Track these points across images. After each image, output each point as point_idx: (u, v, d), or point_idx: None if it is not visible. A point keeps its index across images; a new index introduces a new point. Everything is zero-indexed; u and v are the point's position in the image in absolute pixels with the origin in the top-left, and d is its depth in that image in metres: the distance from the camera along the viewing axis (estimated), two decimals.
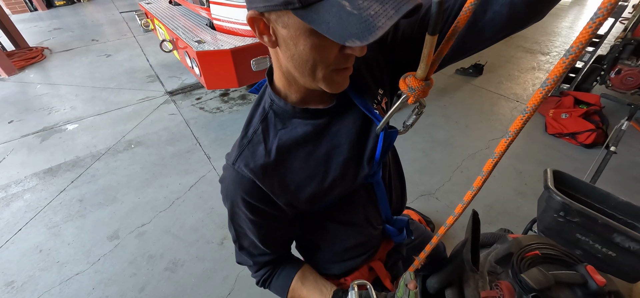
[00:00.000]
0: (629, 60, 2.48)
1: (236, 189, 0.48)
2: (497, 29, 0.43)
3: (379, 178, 0.59)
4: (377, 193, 0.62)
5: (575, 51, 0.29)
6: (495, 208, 1.77)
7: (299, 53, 0.39)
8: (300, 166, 0.49)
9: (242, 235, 0.56)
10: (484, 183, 0.46)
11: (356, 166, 0.53)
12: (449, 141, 2.34)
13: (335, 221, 0.62)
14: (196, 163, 2.17)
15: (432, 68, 0.42)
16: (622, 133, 1.39)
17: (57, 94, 3.13)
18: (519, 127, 0.38)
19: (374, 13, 0.32)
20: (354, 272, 0.71)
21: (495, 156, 0.42)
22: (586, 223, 0.77)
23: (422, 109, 0.48)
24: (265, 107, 0.50)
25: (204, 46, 1.86)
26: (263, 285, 0.63)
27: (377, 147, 0.52)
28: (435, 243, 0.62)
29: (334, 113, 0.50)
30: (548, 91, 0.33)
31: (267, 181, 0.47)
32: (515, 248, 0.77)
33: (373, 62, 0.53)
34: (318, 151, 0.50)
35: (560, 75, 0.32)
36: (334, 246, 0.67)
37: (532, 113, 0.36)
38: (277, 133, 0.49)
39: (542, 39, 4.23)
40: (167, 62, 3.70)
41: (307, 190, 0.50)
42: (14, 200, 1.93)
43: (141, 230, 1.72)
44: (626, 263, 0.75)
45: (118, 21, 5.51)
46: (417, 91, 0.43)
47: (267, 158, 0.47)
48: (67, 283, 1.48)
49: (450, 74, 3.32)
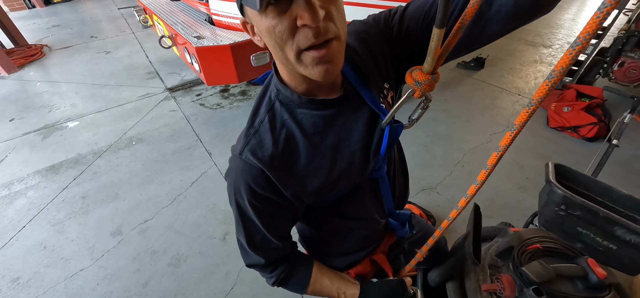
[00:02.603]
0: (632, 52, 2.45)
1: (244, 178, 0.47)
2: (503, 22, 0.42)
3: (383, 173, 0.59)
4: (382, 187, 0.62)
5: (582, 42, 0.29)
6: (496, 202, 1.77)
7: (268, 42, 0.41)
8: (307, 157, 0.49)
9: (254, 231, 0.54)
10: (488, 176, 0.45)
11: (363, 159, 0.52)
12: (450, 135, 2.33)
13: (339, 216, 0.62)
14: (197, 159, 2.18)
15: (438, 62, 0.42)
16: (625, 126, 1.38)
17: (57, 92, 3.12)
18: (524, 120, 0.37)
19: None
20: (357, 265, 0.72)
21: (500, 149, 0.42)
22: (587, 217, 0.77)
23: (428, 103, 0.47)
24: (272, 97, 0.49)
25: (203, 42, 1.85)
26: (281, 284, 0.61)
27: (383, 141, 0.51)
28: (438, 236, 0.62)
29: (341, 105, 0.50)
30: (554, 83, 0.33)
31: (275, 172, 0.47)
32: (516, 241, 0.77)
33: (379, 55, 0.52)
34: (325, 142, 0.49)
35: (567, 66, 0.32)
36: (338, 240, 0.67)
37: (537, 105, 0.35)
38: (284, 123, 0.48)
39: (544, 32, 4.18)
40: (167, 59, 3.68)
41: (314, 182, 0.50)
42: (17, 197, 1.94)
43: (144, 226, 1.74)
44: (627, 256, 0.75)
45: (117, 17, 5.48)
46: (423, 84, 0.43)
47: (274, 148, 0.47)
48: (71, 279, 1.50)
49: (451, 68, 3.29)
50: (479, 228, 0.71)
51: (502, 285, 0.70)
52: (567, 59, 0.31)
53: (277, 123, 0.48)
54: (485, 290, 0.71)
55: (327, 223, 0.64)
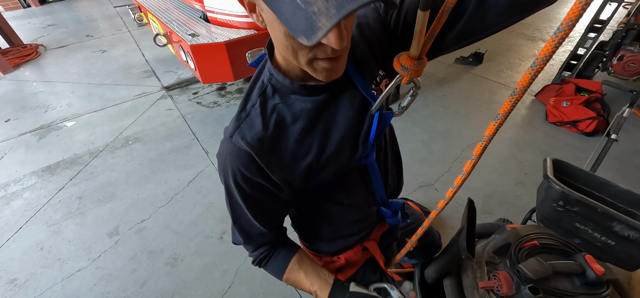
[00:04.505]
0: (631, 46, 2.43)
1: (233, 162, 0.48)
2: (501, 13, 0.41)
3: (372, 160, 0.60)
4: (371, 175, 0.62)
5: (565, 29, 0.29)
6: (494, 198, 1.76)
7: (278, 37, 0.39)
8: (296, 142, 0.49)
9: (240, 213, 0.55)
10: (473, 167, 0.46)
11: (352, 145, 0.53)
12: (449, 131, 2.32)
13: (330, 201, 0.63)
14: (194, 158, 2.17)
15: (425, 47, 0.42)
16: (624, 120, 1.37)
17: (53, 92, 3.10)
18: (508, 109, 0.38)
19: (317, 10, 0.30)
20: (348, 250, 0.73)
21: (485, 139, 0.42)
22: (585, 212, 0.76)
23: (417, 90, 0.48)
24: (264, 82, 0.50)
25: (198, 39, 1.83)
26: (259, 264, 0.63)
27: (372, 128, 0.52)
28: (427, 226, 0.64)
29: (332, 90, 0.50)
30: (538, 71, 0.33)
31: (264, 155, 0.47)
32: (513, 238, 0.77)
33: (375, 42, 0.52)
34: (315, 127, 0.50)
35: (549, 54, 0.31)
36: (327, 224, 0.68)
37: (521, 94, 0.35)
38: (275, 107, 0.49)
39: (543, 26, 4.16)
40: (163, 57, 3.65)
41: (302, 166, 0.50)
42: (13, 198, 1.93)
43: (141, 226, 1.73)
44: (625, 252, 0.75)
45: (112, 16, 5.43)
46: (410, 69, 0.43)
47: (264, 132, 0.47)
48: (69, 279, 1.49)
49: (449, 64, 3.27)
50: (473, 223, 0.71)
51: (499, 282, 0.70)
52: (550, 46, 0.30)
53: (269, 107, 0.49)
54: (482, 287, 0.71)
55: (316, 207, 0.65)
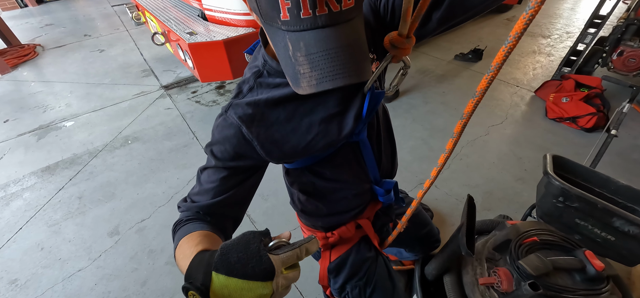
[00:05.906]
0: (631, 41, 2.42)
1: (223, 130, 0.52)
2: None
3: (363, 137, 0.62)
4: (363, 152, 0.65)
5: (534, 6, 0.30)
6: (494, 195, 1.76)
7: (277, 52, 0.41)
8: (286, 118, 0.53)
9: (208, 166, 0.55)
10: (454, 145, 0.49)
11: (340, 122, 0.55)
12: (449, 128, 2.32)
13: (324, 178, 0.65)
14: (194, 157, 2.16)
15: (412, 25, 0.44)
16: (624, 116, 1.37)
17: (51, 92, 3.09)
18: (484, 86, 0.40)
19: (303, 73, 0.36)
20: (341, 226, 0.75)
21: (464, 117, 0.45)
22: (585, 208, 0.76)
23: (407, 69, 0.50)
24: (260, 67, 0.53)
25: (196, 38, 1.82)
26: (174, 228, 0.55)
27: (364, 106, 0.54)
28: (415, 206, 0.68)
29: None
30: (511, 48, 0.34)
31: (254, 129, 0.51)
32: (513, 234, 0.77)
33: (366, 24, 0.53)
34: (304, 105, 0.53)
35: (521, 31, 0.32)
36: (323, 202, 0.70)
37: (496, 72, 0.37)
38: (269, 89, 0.52)
39: (543, 22, 4.14)
40: (162, 56, 3.64)
41: (291, 141, 0.53)
42: (13, 199, 1.93)
43: (141, 225, 1.73)
44: (625, 247, 0.75)
45: (110, 15, 5.41)
46: (399, 47, 0.46)
47: (255, 109, 0.51)
48: (69, 279, 1.49)
49: (449, 60, 3.26)
50: (472, 219, 0.71)
51: (500, 279, 0.70)
52: (521, 23, 0.32)
53: (263, 89, 0.53)
54: (483, 284, 0.71)
55: (312, 185, 0.67)
